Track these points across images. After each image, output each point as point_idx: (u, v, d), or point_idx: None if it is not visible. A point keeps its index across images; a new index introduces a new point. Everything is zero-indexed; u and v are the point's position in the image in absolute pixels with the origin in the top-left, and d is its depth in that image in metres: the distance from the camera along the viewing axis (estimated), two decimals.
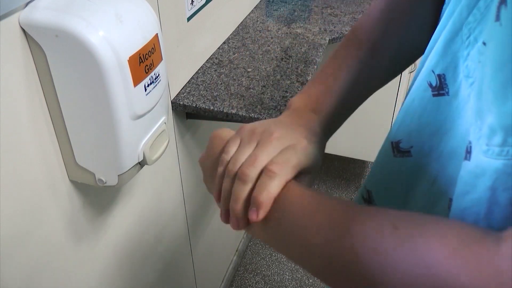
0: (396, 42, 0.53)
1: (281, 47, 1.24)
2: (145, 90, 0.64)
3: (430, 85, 0.40)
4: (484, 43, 0.32)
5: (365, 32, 0.53)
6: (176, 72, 1.02)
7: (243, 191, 0.40)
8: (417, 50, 0.54)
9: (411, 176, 0.43)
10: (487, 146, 0.30)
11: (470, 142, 0.33)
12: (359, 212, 0.34)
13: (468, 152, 0.33)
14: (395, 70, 0.56)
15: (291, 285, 1.80)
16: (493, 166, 0.30)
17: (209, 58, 1.18)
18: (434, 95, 0.40)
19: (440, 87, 0.39)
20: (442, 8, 0.45)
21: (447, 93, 0.38)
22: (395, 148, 0.44)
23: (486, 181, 0.31)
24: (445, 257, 0.28)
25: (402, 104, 0.57)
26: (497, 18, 0.30)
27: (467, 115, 0.36)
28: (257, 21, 1.40)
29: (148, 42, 0.63)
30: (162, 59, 0.67)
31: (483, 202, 0.31)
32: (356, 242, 0.32)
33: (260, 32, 1.33)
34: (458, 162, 0.36)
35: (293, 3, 1.53)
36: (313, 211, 0.37)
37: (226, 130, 0.46)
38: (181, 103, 1.02)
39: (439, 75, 0.39)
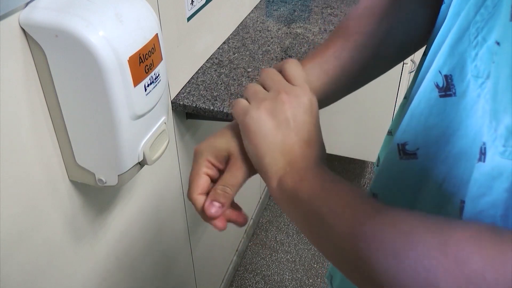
0: (390, 34, 0.52)
1: (281, 47, 1.24)
2: (145, 90, 0.64)
3: (437, 86, 0.39)
4: (497, 43, 0.31)
5: (359, 24, 0.53)
6: (176, 72, 1.02)
7: None
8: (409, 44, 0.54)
9: (418, 178, 0.43)
10: (504, 147, 0.30)
11: (484, 143, 0.32)
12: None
13: (483, 153, 0.32)
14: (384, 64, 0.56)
15: (291, 285, 1.80)
16: (510, 168, 0.30)
17: (209, 58, 1.18)
18: (441, 96, 0.39)
19: (447, 87, 0.38)
20: (440, 7, 0.45)
21: (454, 93, 0.38)
22: (401, 150, 0.44)
23: (503, 183, 0.30)
24: (473, 253, 0.27)
25: (404, 104, 0.56)
26: None
27: (477, 115, 0.35)
28: (257, 21, 1.40)
29: (148, 42, 0.63)
30: (162, 59, 0.67)
31: (500, 204, 0.31)
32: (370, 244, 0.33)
33: (260, 32, 1.33)
34: (468, 163, 0.36)
35: (293, 3, 1.53)
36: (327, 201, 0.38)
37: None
38: (181, 103, 1.02)
39: (446, 76, 0.39)
